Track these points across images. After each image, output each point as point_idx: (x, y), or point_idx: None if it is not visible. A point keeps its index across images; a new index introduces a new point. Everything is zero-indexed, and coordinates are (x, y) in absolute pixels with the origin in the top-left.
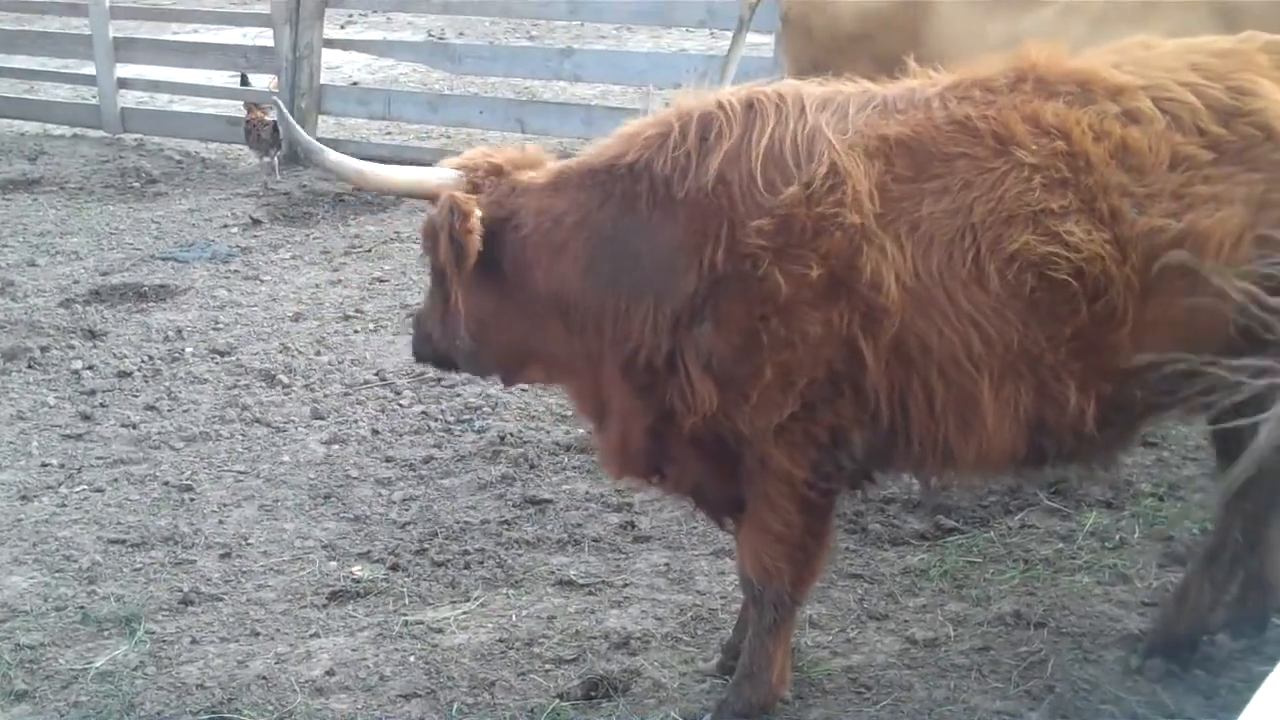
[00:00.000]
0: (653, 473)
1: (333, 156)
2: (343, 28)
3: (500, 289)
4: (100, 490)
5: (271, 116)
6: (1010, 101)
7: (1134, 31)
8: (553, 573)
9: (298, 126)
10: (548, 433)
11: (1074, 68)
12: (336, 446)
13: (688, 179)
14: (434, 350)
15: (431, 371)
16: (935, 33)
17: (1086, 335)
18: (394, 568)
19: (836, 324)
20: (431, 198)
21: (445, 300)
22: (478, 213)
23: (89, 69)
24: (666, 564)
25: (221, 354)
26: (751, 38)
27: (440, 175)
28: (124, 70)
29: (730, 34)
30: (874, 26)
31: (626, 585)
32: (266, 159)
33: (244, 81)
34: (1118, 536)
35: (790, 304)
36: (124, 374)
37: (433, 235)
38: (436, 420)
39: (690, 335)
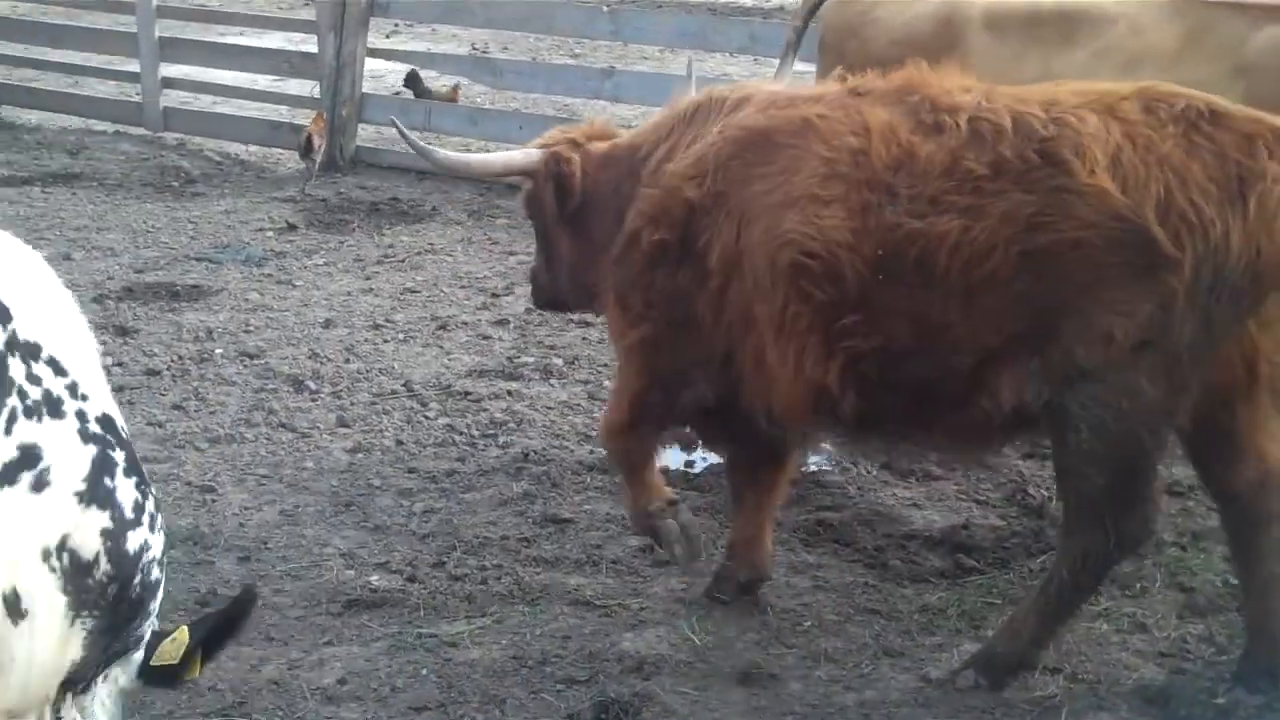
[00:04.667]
0: None
1: (441, 154)
2: (388, 37)
3: (580, 238)
4: None
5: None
6: (859, 105)
7: (1161, 78)
8: (569, 592)
9: (411, 135)
10: (571, 452)
11: (940, 88)
12: (360, 455)
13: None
14: (547, 296)
15: (458, 385)
16: (967, 64)
17: (821, 314)
18: (411, 579)
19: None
20: (526, 173)
21: (549, 251)
22: (576, 158)
23: (133, 66)
24: (685, 588)
25: (251, 357)
26: (798, 65)
27: (528, 154)
28: (168, 70)
29: (774, 61)
30: (907, 52)
31: (643, 609)
32: (306, 163)
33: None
34: (1139, 585)
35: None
36: (152, 372)
37: (538, 188)
38: (461, 434)
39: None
